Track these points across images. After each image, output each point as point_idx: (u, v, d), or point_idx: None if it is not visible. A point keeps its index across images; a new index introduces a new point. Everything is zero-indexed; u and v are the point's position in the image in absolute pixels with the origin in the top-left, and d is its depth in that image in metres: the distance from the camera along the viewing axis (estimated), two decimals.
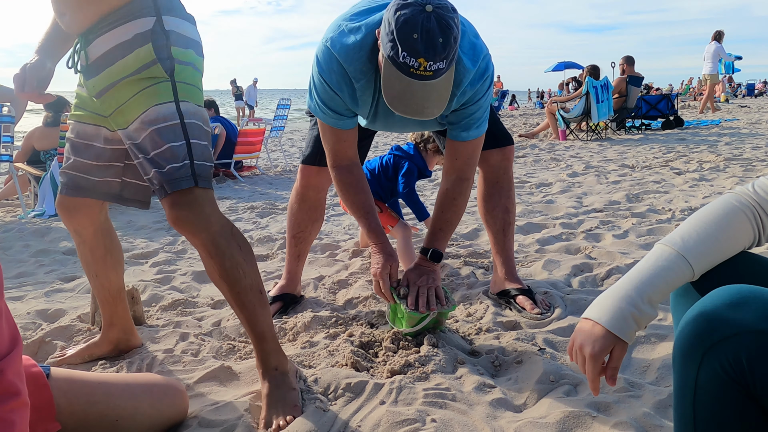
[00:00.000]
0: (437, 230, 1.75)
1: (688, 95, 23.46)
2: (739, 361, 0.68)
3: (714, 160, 5.41)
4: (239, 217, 3.84)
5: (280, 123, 7.47)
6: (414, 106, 1.40)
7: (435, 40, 1.31)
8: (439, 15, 1.31)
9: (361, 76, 1.55)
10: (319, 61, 1.57)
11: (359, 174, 1.75)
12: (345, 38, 1.52)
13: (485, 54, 1.58)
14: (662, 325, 1.77)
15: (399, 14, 1.32)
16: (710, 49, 10.96)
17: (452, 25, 1.33)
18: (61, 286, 2.44)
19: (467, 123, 1.65)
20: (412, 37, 1.31)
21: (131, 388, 1.21)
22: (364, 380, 1.45)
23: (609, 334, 0.90)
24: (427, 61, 1.32)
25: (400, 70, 1.35)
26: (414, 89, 1.37)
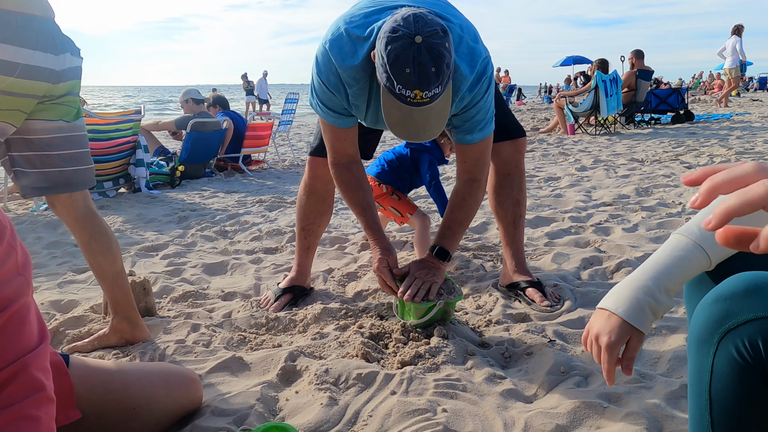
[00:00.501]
0: (446, 229, 1.75)
1: (698, 89, 23.27)
2: (755, 345, 0.68)
3: (725, 153, 5.36)
4: (248, 210, 3.85)
5: (287, 117, 7.48)
6: (414, 130, 1.43)
7: (428, 72, 1.32)
8: (430, 45, 1.31)
9: (353, 83, 1.56)
10: (318, 63, 1.59)
11: (358, 171, 1.77)
12: (342, 43, 1.53)
13: (484, 58, 1.57)
14: (673, 317, 1.76)
15: (390, 49, 1.33)
16: (730, 43, 10.85)
17: (443, 53, 1.33)
18: (73, 278, 2.46)
19: (470, 126, 1.66)
20: (405, 72, 1.32)
21: (148, 377, 1.23)
22: (375, 371, 1.45)
23: (625, 324, 0.90)
24: (422, 91, 1.34)
25: (398, 100, 1.37)
26: (413, 115, 1.39)
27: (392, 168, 2.62)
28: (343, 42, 1.53)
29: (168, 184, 4.99)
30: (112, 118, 4.45)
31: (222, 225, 3.40)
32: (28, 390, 0.83)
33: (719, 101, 12.05)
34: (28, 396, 0.83)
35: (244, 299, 2.13)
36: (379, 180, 2.58)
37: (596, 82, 7.77)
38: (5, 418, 0.81)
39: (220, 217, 3.62)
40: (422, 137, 1.44)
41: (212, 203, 4.17)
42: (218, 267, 2.58)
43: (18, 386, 0.82)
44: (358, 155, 1.78)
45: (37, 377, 0.85)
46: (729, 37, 10.89)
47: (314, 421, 1.27)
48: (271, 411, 1.35)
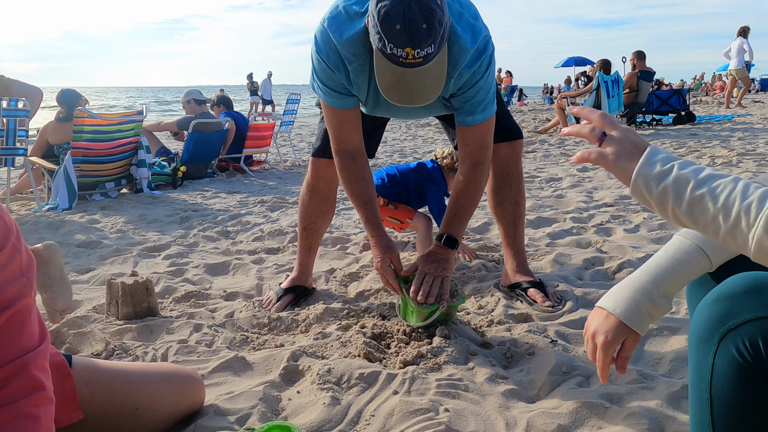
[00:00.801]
0: (452, 216, 1.74)
1: (699, 90, 23.25)
2: (755, 345, 0.68)
3: (726, 155, 5.36)
4: (250, 210, 3.86)
5: (289, 118, 7.49)
6: (409, 94, 1.41)
7: (419, 28, 1.30)
8: (420, 1, 1.31)
9: (354, 59, 1.56)
10: (317, 41, 1.59)
11: (362, 162, 1.75)
12: (340, 19, 1.54)
13: (484, 35, 1.55)
14: (675, 318, 1.76)
15: (380, 6, 1.33)
16: (735, 45, 10.84)
17: (434, 9, 1.32)
18: (76, 278, 2.47)
19: (471, 106, 1.65)
20: (395, 28, 1.31)
21: (150, 377, 1.23)
22: (377, 371, 1.46)
23: (622, 324, 0.91)
24: (414, 49, 1.32)
25: (390, 61, 1.36)
26: (407, 77, 1.38)
27: (393, 184, 2.61)
28: (341, 19, 1.53)
29: (170, 185, 5.00)
30: (114, 118, 4.46)
31: (224, 225, 3.41)
32: (27, 389, 0.84)
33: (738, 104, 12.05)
34: (27, 395, 0.83)
35: (246, 299, 2.14)
36: (377, 193, 2.58)
37: (598, 82, 7.78)
38: (4, 417, 0.81)
39: (222, 218, 3.63)
40: (416, 100, 1.42)
41: (214, 203, 4.18)
42: (220, 267, 2.59)
43: (17, 385, 0.83)
44: (362, 145, 1.76)
45: (37, 377, 0.85)
46: (735, 39, 10.87)
47: (317, 421, 1.28)
48: (273, 411, 1.35)
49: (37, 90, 4.26)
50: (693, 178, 0.70)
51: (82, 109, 4.25)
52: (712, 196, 0.68)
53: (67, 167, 4.10)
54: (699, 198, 0.69)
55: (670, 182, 0.71)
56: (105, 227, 3.45)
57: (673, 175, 0.71)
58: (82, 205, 4.17)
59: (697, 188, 0.69)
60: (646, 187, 0.73)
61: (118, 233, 3.30)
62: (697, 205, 0.69)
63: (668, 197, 0.71)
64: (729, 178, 0.69)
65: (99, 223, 3.55)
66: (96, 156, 4.35)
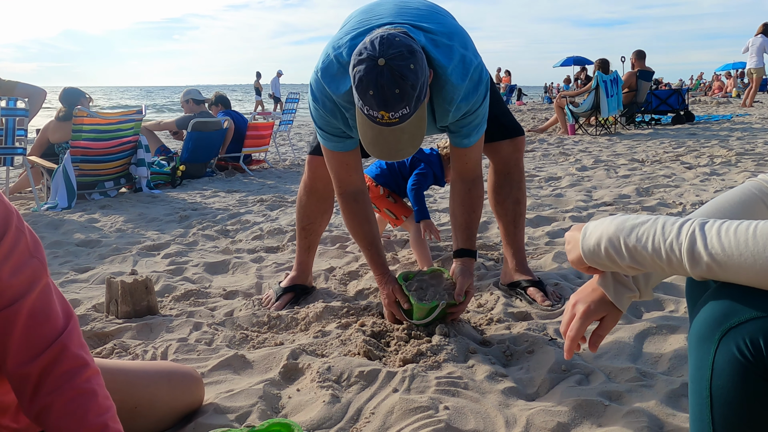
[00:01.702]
0: (466, 229, 1.77)
1: (698, 90, 23.27)
2: (756, 344, 0.68)
3: (725, 154, 5.37)
4: (249, 209, 3.86)
5: (288, 117, 7.49)
6: (387, 150, 1.45)
7: (390, 94, 1.32)
8: (392, 67, 1.31)
9: (350, 107, 1.58)
10: (313, 91, 1.62)
11: (364, 202, 1.77)
12: (332, 70, 1.56)
13: (476, 65, 1.56)
14: (674, 317, 1.77)
15: (355, 71, 1.35)
16: (756, 42, 10.67)
17: (407, 74, 1.33)
18: (75, 277, 2.47)
19: (468, 131, 1.68)
20: (368, 93, 1.34)
21: (150, 376, 1.23)
22: (377, 368, 1.46)
23: (606, 299, 0.94)
24: (387, 112, 1.35)
25: (369, 119, 1.39)
26: (384, 135, 1.41)
27: (391, 171, 2.63)
28: (334, 69, 1.56)
29: (169, 184, 5.00)
30: (113, 117, 4.46)
31: (223, 224, 3.41)
32: (74, 368, 0.87)
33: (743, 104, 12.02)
34: (76, 374, 0.87)
35: (245, 298, 2.14)
36: (376, 182, 2.59)
37: (597, 82, 7.78)
38: (64, 398, 0.85)
39: (222, 217, 3.63)
40: (396, 156, 1.46)
41: (213, 202, 4.18)
42: (220, 266, 2.59)
43: (63, 367, 0.86)
44: (364, 185, 1.79)
45: (79, 354, 0.88)
46: (754, 36, 10.69)
47: (316, 419, 1.28)
48: (273, 409, 1.36)
49: (40, 90, 4.26)
50: (621, 234, 0.80)
51: (81, 108, 4.24)
52: (642, 245, 0.77)
53: (66, 166, 4.10)
54: (633, 249, 0.79)
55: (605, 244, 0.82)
56: (104, 226, 3.45)
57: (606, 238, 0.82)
58: (81, 204, 4.17)
59: (628, 242, 0.79)
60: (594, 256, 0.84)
61: (118, 232, 3.30)
62: (636, 254, 0.79)
63: (614, 256, 0.81)
64: (649, 222, 0.78)
65: (98, 222, 3.55)
66: (95, 155, 4.35)
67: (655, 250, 0.76)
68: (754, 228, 0.69)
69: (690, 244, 0.73)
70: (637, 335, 1.64)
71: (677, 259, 0.74)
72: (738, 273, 0.70)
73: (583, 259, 0.87)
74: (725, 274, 0.71)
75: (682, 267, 0.74)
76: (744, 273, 0.70)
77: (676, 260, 0.74)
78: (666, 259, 0.75)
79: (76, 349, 0.88)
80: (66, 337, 0.87)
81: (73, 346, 0.88)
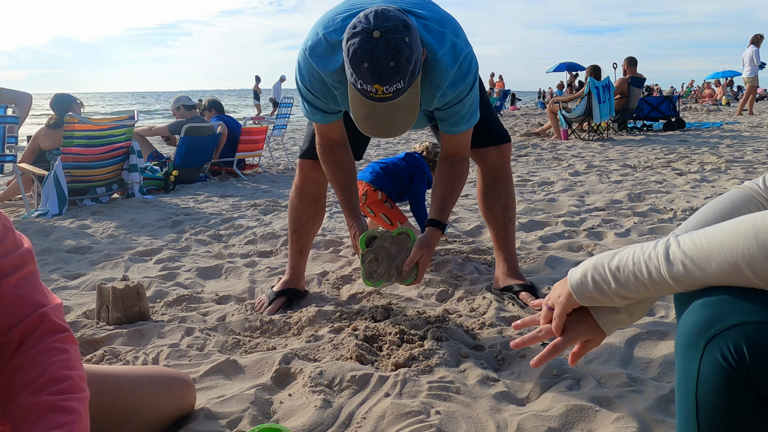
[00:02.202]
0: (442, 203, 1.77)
1: (689, 98, 23.45)
2: (740, 350, 0.68)
3: (715, 161, 5.41)
4: (242, 214, 3.85)
5: (282, 122, 7.49)
6: (380, 126, 1.44)
7: (385, 66, 1.32)
8: (388, 39, 1.31)
9: (339, 86, 1.58)
10: (300, 68, 1.62)
11: (341, 153, 1.82)
12: (321, 48, 1.55)
13: (466, 54, 1.56)
14: (663, 323, 1.78)
15: (349, 44, 1.35)
16: (748, 53, 10.92)
17: (402, 47, 1.32)
18: (66, 284, 2.45)
19: (456, 120, 1.68)
20: (363, 66, 1.33)
21: (139, 380, 1.23)
22: (369, 373, 1.46)
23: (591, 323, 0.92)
24: (382, 85, 1.34)
25: (361, 95, 1.38)
26: (378, 111, 1.40)
27: (387, 174, 2.66)
28: (322, 48, 1.55)
29: (162, 189, 4.98)
30: (105, 123, 4.44)
31: (216, 229, 3.40)
32: (54, 331, 0.93)
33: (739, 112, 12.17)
34: (55, 335, 0.92)
35: (238, 302, 2.14)
36: (375, 186, 2.61)
37: (589, 88, 7.84)
38: (35, 351, 0.89)
39: (215, 221, 3.62)
40: (388, 133, 1.45)
41: (206, 207, 4.17)
42: (212, 271, 2.58)
43: (42, 331, 0.92)
44: (344, 138, 1.83)
45: (59, 322, 0.94)
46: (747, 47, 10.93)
47: (308, 424, 1.28)
48: (265, 414, 1.35)
49: (26, 95, 4.24)
50: (604, 261, 0.83)
51: (72, 115, 4.23)
52: (623, 264, 0.80)
53: (57, 173, 4.08)
54: (616, 271, 0.81)
55: (591, 273, 0.84)
56: (96, 232, 3.44)
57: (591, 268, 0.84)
58: (72, 210, 4.15)
59: (611, 265, 0.82)
60: (583, 289, 0.85)
61: (109, 238, 3.29)
62: (620, 275, 0.81)
63: (601, 284, 0.83)
64: (630, 246, 0.82)
65: (90, 229, 3.53)
66: (87, 161, 4.33)
67: (635, 264, 0.78)
68: (723, 223, 0.72)
69: (665, 248, 0.76)
70: (627, 341, 1.65)
71: (656, 268, 0.76)
72: (710, 262, 0.71)
73: (573, 296, 0.87)
74: (700, 271, 0.72)
75: (661, 276, 0.76)
76: (715, 261, 0.71)
77: (655, 270, 0.76)
78: (646, 272, 0.77)
79: (57, 319, 0.94)
80: (49, 309, 0.93)
81: (53, 315, 0.93)
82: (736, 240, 0.70)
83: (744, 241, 0.69)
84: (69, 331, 0.94)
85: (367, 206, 2.56)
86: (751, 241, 0.69)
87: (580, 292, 0.86)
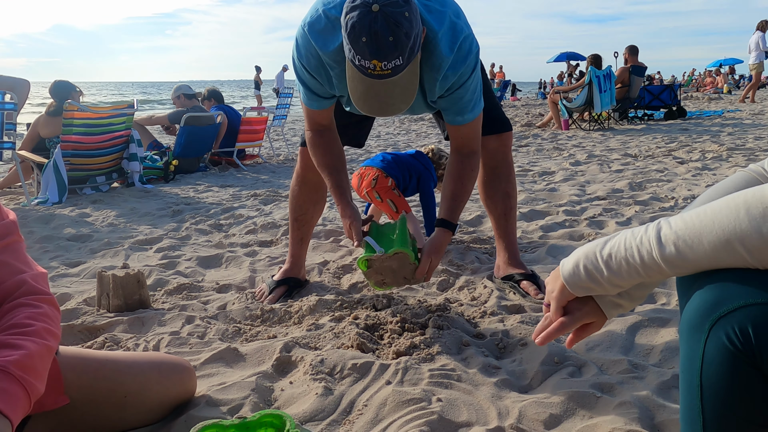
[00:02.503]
0: (452, 201, 1.74)
1: (690, 86, 23.36)
2: (745, 332, 0.68)
3: (717, 149, 5.40)
4: (243, 204, 3.84)
5: (282, 112, 7.46)
6: (378, 105, 1.41)
7: (384, 41, 1.29)
8: (387, 13, 1.29)
9: (335, 65, 1.55)
10: (298, 45, 1.58)
11: (329, 137, 1.79)
12: (321, 25, 1.52)
13: (466, 35, 1.54)
14: (665, 309, 1.77)
15: (347, 18, 1.32)
16: (754, 39, 10.86)
17: (401, 21, 1.30)
18: (66, 271, 2.45)
19: (459, 107, 1.64)
20: (361, 41, 1.30)
21: (139, 365, 1.22)
22: (370, 361, 1.46)
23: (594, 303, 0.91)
24: (380, 61, 1.32)
25: (359, 71, 1.36)
26: (376, 88, 1.37)
27: (398, 165, 2.66)
28: (321, 24, 1.52)
29: (162, 179, 4.97)
30: (104, 112, 4.42)
31: (216, 218, 3.40)
32: (32, 292, 0.96)
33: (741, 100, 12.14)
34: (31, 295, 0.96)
35: (239, 291, 2.13)
36: (386, 173, 2.61)
37: (590, 77, 7.80)
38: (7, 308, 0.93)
39: (215, 211, 3.61)
40: (385, 111, 1.42)
41: (206, 197, 4.16)
42: (213, 260, 2.58)
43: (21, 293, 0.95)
44: (333, 124, 1.81)
45: (38, 287, 0.97)
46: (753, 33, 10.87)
47: (309, 411, 1.28)
48: (266, 401, 1.35)
49: (23, 82, 4.21)
50: (596, 249, 0.82)
51: (72, 102, 4.21)
52: (615, 250, 0.79)
53: (56, 161, 4.07)
54: (608, 257, 0.80)
55: (583, 262, 0.83)
56: (96, 221, 3.43)
57: (583, 256, 0.84)
58: (72, 199, 4.14)
59: (603, 252, 0.81)
60: (576, 279, 0.85)
61: (110, 227, 3.28)
62: (612, 262, 0.80)
63: (593, 272, 0.82)
64: (621, 232, 0.81)
65: (90, 217, 3.53)
66: (86, 150, 4.31)
67: (627, 249, 0.78)
68: (714, 202, 0.72)
69: (656, 231, 0.75)
70: (629, 328, 1.65)
71: (647, 251, 0.75)
72: (702, 241, 0.70)
73: (567, 288, 0.87)
74: (692, 252, 0.72)
75: (653, 260, 0.75)
76: (707, 239, 0.70)
77: (647, 253, 0.75)
78: (638, 257, 0.76)
79: (36, 284, 0.97)
80: (30, 276, 0.96)
81: (33, 280, 0.96)
82: (727, 217, 0.69)
83: (735, 217, 0.68)
84: (48, 294, 0.98)
85: (375, 191, 2.56)
86: (742, 217, 0.68)
87: (573, 282, 0.86)
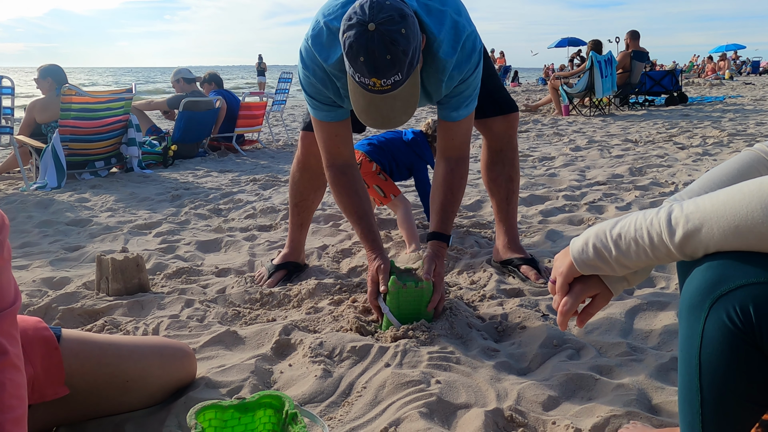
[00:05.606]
0: (443, 212, 1.69)
1: (692, 72, 23.23)
2: (746, 311, 0.68)
3: (717, 135, 5.38)
4: (242, 189, 3.84)
5: (281, 97, 7.41)
6: (380, 118, 1.41)
7: (381, 60, 1.30)
8: (383, 32, 1.28)
9: (341, 75, 1.55)
10: (303, 59, 1.59)
11: (353, 175, 1.71)
12: (323, 37, 1.53)
13: (468, 33, 1.53)
14: (664, 293, 1.78)
15: (345, 37, 1.32)
16: None
17: (398, 39, 1.29)
18: (65, 255, 2.45)
19: (457, 102, 1.64)
20: (359, 60, 1.31)
21: (141, 350, 1.23)
22: (369, 344, 1.46)
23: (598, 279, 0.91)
24: (379, 79, 1.32)
25: (360, 87, 1.36)
26: (377, 103, 1.38)
27: (385, 150, 2.61)
28: (324, 37, 1.53)
29: (161, 164, 4.95)
30: (103, 96, 4.40)
31: (216, 203, 3.39)
32: None
33: None
34: None
35: (238, 275, 2.13)
36: (370, 157, 2.57)
37: (591, 62, 7.74)
38: None
39: (214, 196, 3.60)
40: (389, 125, 1.43)
41: (206, 182, 4.15)
42: (212, 244, 2.57)
43: None
44: (353, 159, 1.74)
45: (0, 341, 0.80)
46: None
47: (308, 393, 1.28)
48: (265, 383, 1.36)
49: None
50: (606, 228, 0.83)
51: (70, 87, 4.18)
52: (625, 231, 0.80)
53: (55, 145, 4.05)
54: (618, 238, 0.81)
55: (593, 241, 0.84)
56: (95, 206, 3.42)
57: (593, 235, 0.85)
58: (71, 184, 4.13)
59: (613, 232, 0.82)
60: (584, 257, 0.85)
61: (109, 211, 3.27)
62: (621, 243, 0.80)
63: (602, 251, 0.83)
64: (632, 214, 0.82)
65: (89, 202, 3.52)
66: (85, 134, 4.29)
67: (637, 230, 0.78)
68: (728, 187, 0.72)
69: (667, 213, 0.75)
70: (628, 311, 1.65)
71: (657, 233, 0.75)
72: (712, 226, 0.70)
73: (575, 266, 0.87)
74: (701, 236, 0.72)
75: (662, 241, 0.75)
76: (717, 224, 0.70)
77: (656, 235, 0.75)
78: (648, 238, 0.76)
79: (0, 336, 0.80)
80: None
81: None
82: (740, 203, 0.69)
83: (748, 204, 0.68)
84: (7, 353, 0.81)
85: None
86: (755, 205, 0.67)
87: (581, 260, 0.86)
